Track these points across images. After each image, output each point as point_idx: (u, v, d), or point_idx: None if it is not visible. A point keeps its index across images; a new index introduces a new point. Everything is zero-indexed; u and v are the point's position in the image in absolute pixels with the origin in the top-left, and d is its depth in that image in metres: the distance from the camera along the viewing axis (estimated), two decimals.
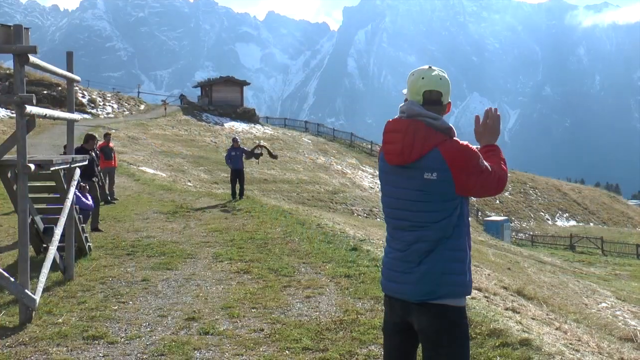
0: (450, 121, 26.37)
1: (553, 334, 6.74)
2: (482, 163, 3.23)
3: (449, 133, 3.27)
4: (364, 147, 59.88)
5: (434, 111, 3.30)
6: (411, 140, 3.25)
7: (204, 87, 63.80)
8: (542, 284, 21.66)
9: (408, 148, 3.27)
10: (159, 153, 36.27)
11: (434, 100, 3.30)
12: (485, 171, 3.24)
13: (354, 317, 6.75)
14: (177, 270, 9.29)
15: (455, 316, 3.23)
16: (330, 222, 15.28)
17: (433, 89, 3.30)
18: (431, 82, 3.30)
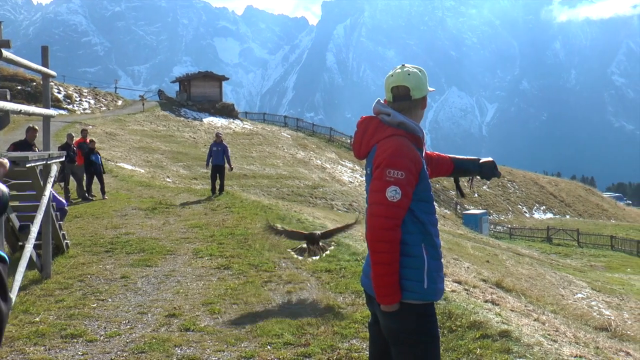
0: (429, 116, 26.51)
1: (532, 325, 6.79)
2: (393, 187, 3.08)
3: (399, 128, 3.26)
4: (343, 142, 59.91)
5: (403, 106, 3.31)
6: (361, 136, 3.36)
7: (183, 82, 63.43)
8: (520, 276, 21.85)
9: (358, 144, 3.40)
10: (137, 149, 36.02)
11: (402, 95, 3.31)
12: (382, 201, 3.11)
13: (335, 312, 6.77)
14: (156, 267, 9.23)
15: (412, 315, 3.20)
16: (310, 217, 15.27)
17: (400, 85, 3.31)
18: (398, 79, 3.32)
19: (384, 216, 3.09)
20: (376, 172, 3.15)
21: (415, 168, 3.16)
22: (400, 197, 3.08)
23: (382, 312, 3.22)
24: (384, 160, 3.12)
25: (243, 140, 48.56)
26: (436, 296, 3.28)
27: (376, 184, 3.14)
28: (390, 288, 3.11)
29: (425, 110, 3.50)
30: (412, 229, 3.20)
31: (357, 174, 46.62)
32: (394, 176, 3.08)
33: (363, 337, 5.87)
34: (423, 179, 3.23)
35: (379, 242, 3.10)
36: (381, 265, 3.11)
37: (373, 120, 3.35)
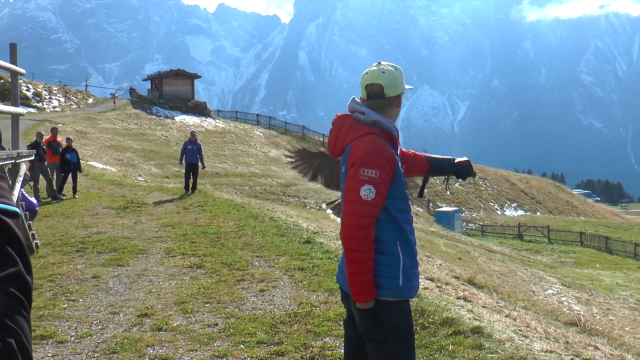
0: (401, 114, 26.50)
1: (503, 321, 6.86)
2: (367, 185, 3.09)
3: (373, 126, 3.26)
4: (316, 140, 59.95)
5: (377, 104, 3.31)
6: (335, 134, 3.38)
7: (154, 80, 62.92)
8: (492, 273, 22.07)
9: (333, 142, 3.41)
10: (108, 147, 35.70)
11: (375, 93, 3.31)
12: (356, 200, 3.11)
13: (309, 310, 6.76)
14: (128, 266, 9.16)
15: (387, 311, 3.21)
16: (283, 215, 15.26)
17: (373, 82, 3.31)
18: (372, 76, 3.32)
19: (358, 215, 3.09)
20: (351, 171, 3.16)
21: (390, 166, 3.16)
22: (374, 195, 3.08)
23: (358, 309, 3.23)
24: (358, 159, 3.12)
25: (215, 138, 48.34)
26: (411, 293, 3.29)
27: (350, 182, 3.14)
28: (365, 286, 3.12)
29: (399, 109, 3.48)
30: (387, 226, 3.22)
31: None
32: (368, 175, 3.08)
33: (336, 334, 5.88)
34: (398, 177, 3.23)
35: (354, 241, 3.11)
36: (356, 263, 3.12)
37: (348, 118, 3.35)
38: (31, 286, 1.30)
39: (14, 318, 1.20)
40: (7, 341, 1.16)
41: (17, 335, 1.19)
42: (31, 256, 9.67)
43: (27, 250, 1.32)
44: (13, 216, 1.36)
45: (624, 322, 18.80)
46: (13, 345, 1.16)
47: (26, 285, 1.27)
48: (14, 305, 1.22)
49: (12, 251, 1.27)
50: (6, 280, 1.22)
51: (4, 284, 1.21)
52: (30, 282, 1.29)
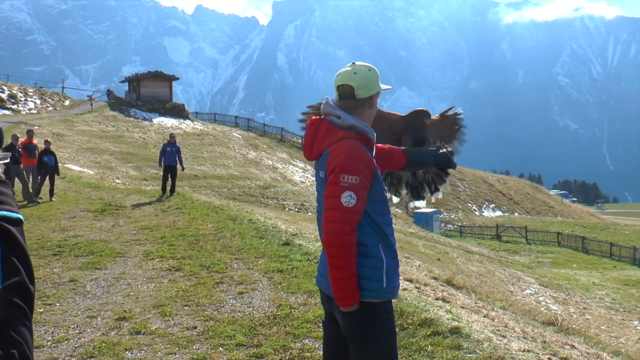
0: None
1: (481, 321, 6.90)
2: (347, 192, 3.09)
3: (349, 130, 3.25)
4: (294, 142, 59.88)
5: (348, 105, 3.30)
6: (311, 138, 3.36)
7: (132, 82, 62.50)
8: (471, 273, 22.19)
9: (308, 146, 3.39)
10: (85, 150, 35.43)
11: (346, 94, 3.30)
12: (337, 207, 3.11)
13: (288, 312, 6.76)
14: (106, 270, 9.10)
15: (371, 313, 3.22)
16: (262, 217, 15.24)
17: (345, 83, 3.29)
18: (344, 77, 3.30)
19: (339, 221, 3.10)
20: (330, 177, 3.15)
21: (369, 171, 3.16)
22: (355, 202, 3.08)
23: (342, 312, 3.24)
24: (337, 166, 3.12)
25: (194, 140, 48.14)
26: (394, 293, 3.32)
27: (331, 189, 3.14)
28: (349, 291, 3.13)
29: (373, 111, 3.43)
30: (369, 230, 3.23)
31: (309, 174, 46.69)
32: (349, 181, 3.08)
33: (315, 336, 5.89)
34: (377, 180, 3.23)
35: (335, 247, 3.12)
36: (338, 269, 3.12)
37: (323, 122, 3.33)
38: (34, 295, 1.28)
39: (17, 328, 1.19)
40: (10, 352, 1.14)
41: (20, 346, 1.17)
42: None
43: (29, 259, 1.31)
44: (16, 224, 1.35)
45: (600, 321, 19.01)
46: (15, 355, 1.15)
47: (29, 294, 1.26)
48: (17, 315, 1.21)
49: (16, 260, 1.25)
50: (10, 290, 1.21)
51: (8, 294, 1.20)
52: (33, 291, 1.28)
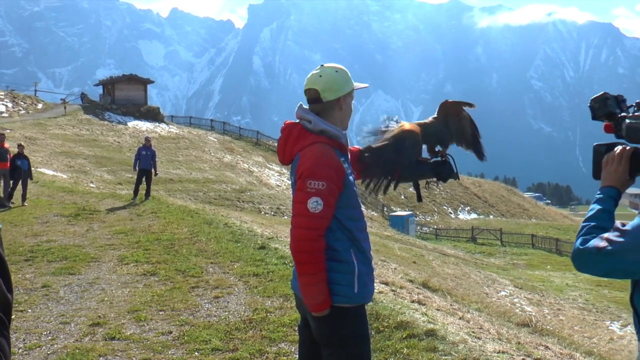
0: (355, 119, 26.54)
1: (457, 323, 6.94)
2: (314, 198, 3.07)
3: (321, 135, 3.24)
4: (270, 145, 59.79)
5: (317, 109, 3.28)
6: (284, 143, 3.34)
7: (106, 85, 61.99)
8: (446, 276, 22.31)
9: (281, 150, 3.38)
10: (59, 154, 35.08)
11: (313, 98, 3.28)
12: (304, 213, 3.11)
13: (263, 316, 6.75)
14: (80, 275, 9.01)
15: (343, 318, 3.21)
16: (238, 221, 15.20)
17: (310, 88, 3.28)
18: (309, 81, 3.30)
19: (305, 227, 3.09)
20: (298, 183, 3.14)
21: (338, 176, 3.13)
22: (322, 207, 3.06)
23: (314, 317, 3.23)
24: (304, 171, 3.10)
25: (169, 144, 47.88)
26: (367, 298, 3.30)
27: (298, 195, 3.13)
28: (318, 297, 3.12)
29: (344, 112, 3.38)
30: (340, 235, 3.21)
31: (285, 177, 46.65)
32: (315, 187, 3.06)
33: (291, 340, 5.88)
34: (347, 186, 3.20)
35: (303, 253, 3.11)
36: (307, 275, 3.11)
37: (295, 126, 3.32)
38: (11, 304, 1.24)
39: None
40: None
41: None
42: None
43: (7, 266, 1.27)
44: None
45: (573, 321, 19.21)
46: None
47: (7, 303, 1.21)
48: None
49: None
50: None
51: None
52: (10, 300, 1.23)
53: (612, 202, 2.44)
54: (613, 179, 2.49)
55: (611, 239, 2.19)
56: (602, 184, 2.51)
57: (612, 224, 2.28)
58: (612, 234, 2.21)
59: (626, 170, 2.46)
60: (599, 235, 2.26)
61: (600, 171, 2.55)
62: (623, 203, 31.01)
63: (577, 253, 2.32)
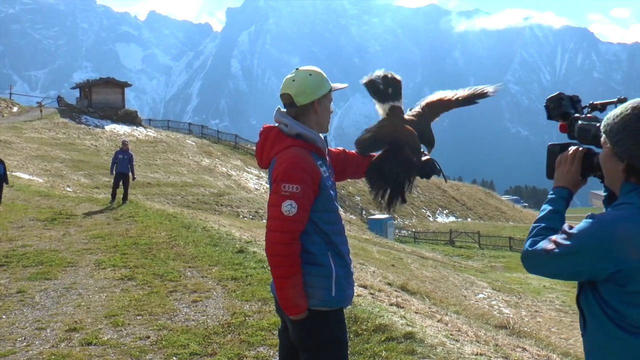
0: (334, 123, 26.59)
1: (435, 326, 6.97)
2: (288, 201, 3.08)
3: (297, 138, 3.24)
4: (248, 149, 59.70)
5: (292, 113, 3.28)
6: (261, 146, 3.36)
7: (83, 88, 61.53)
8: (425, 279, 22.39)
9: (259, 154, 3.40)
10: (34, 157, 34.75)
11: (288, 103, 3.29)
12: (278, 216, 3.12)
13: (242, 320, 6.73)
14: (56, 280, 8.92)
15: (320, 322, 3.22)
16: (216, 225, 15.14)
17: (284, 92, 3.29)
18: (283, 86, 3.30)
19: (279, 231, 3.10)
20: (273, 186, 3.15)
21: (313, 180, 3.14)
22: (296, 211, 3.07)
23: (291, 320, 3.23)
24: (279, 175, 3.11)
25: (147, 147, 47.63)
26: (345, 302, 3.31)
27: (272, 198, 3.14)
28: (293, 300, 3.12)
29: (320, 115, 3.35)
30: (317, 239, 3.21)
31: (263, 181, 46.60)
32: (289, 190, 3.07)
33: (270, 344, 5.87)
34: (323, 190, 3.21)
35: (277, 257, 3.11)
36: (282, 278, 3.12)
37: (273, 130, 3.33)
38: None
39: None
40: None
41: None
42: None
43: None
44: None
45: (551, 323, 19.36)
46: None
47: None
48: None
49: None
50: None
51: None
52: None
53: (563, 203, 2.48)
54: (565, 179, 2.52)
55: (558, 242, 2.22)
56: (555, 184, 2.55)
57: (562, 224, 2.31)
58: (559, 237, 2.23)
59: (578, 171, 2.50)
60: (547, 237, 2.29)
61: (554, 171, 2.59)
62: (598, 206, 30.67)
63: (526, 254, 2.35)
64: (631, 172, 2.21)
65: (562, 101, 2.68)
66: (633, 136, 2.14)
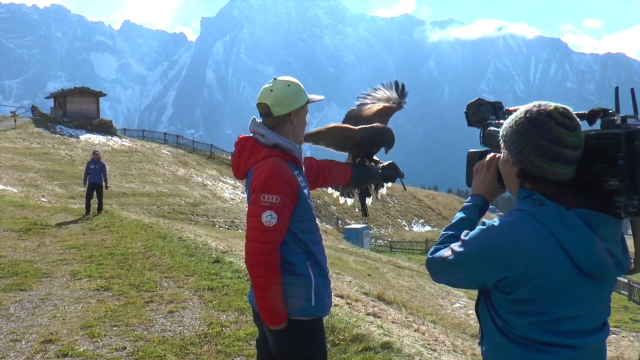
0: (308, 131, 26.69)
1: (412, 335, 7.03)
2: (268, 211, 3.09)
3: (275, 149, 3.25)
4: (224, 159, 59.53)
5: (268, 123, 3.28)
6: (237, 157, 3.34)
7: (58, 97, 60.97)
8: (401, 288, 22.46)
9: (235, 164, 3.37)
10: (8, 167, 34.36)
11: (264, 113, 3.29)
12: (258, 226, 3.12)
13: (219, 330, 6.73)
14: (31, 291, 8.84)
15: (300, 331, 3.23)
16: (192, 235, 15.10)
17: (260, 102, 3.29)
18: (260, 96, 3.29)
19: (259, 241, 3.10)
20: (252, 197, 3.15)
21: (291, 189, 3.15)
22: (276, 221, 3.08)
23: (271, 331, 3.24)
24: (258, 185, 3.12)
25: (122, 157, 47.31)
26: (324, 312, 3.33)
27: (252, 209, 3.14)
28: (273, 310, 3.13)
29: (296, 126, 3.37)
30: (295, 249, 3.23)
31: (239, 191, 46.48)
32: (269, 201, 3.08)
33: (247, 354, 5.88)
34: (302, 199, 3.23)
35: (257, 267, 3.12)
36: (262, 289, 3.12)
37: (249, 140, 3.32)
38: None
39: None
40: None
41: None
42: None
43: None
44: None
45: None
46: None
47: None
48: None
49: None
50: None
51: None
52: None
53: (476, 211, 2.44)
54: (481, 187, 2.49)
55: (454, 249, 2.21)
56: (472, 192, 2.52)
57: None
58: (456, 244, 2.22)
59: (494, 179, 2.45)
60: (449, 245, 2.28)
61: (472, 179, 2.56)
62: None
63: (428, 262, 2.34)
64: (525, 177, 2.18)
65: (480, 107, 2.66)
66: (524, 139, 2.12)
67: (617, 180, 2.05)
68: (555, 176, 2.11)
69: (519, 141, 2.13)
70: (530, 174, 2.15)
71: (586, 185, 2.15)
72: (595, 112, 2.21)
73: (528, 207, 2.12)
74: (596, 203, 2.12)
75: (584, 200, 2.13)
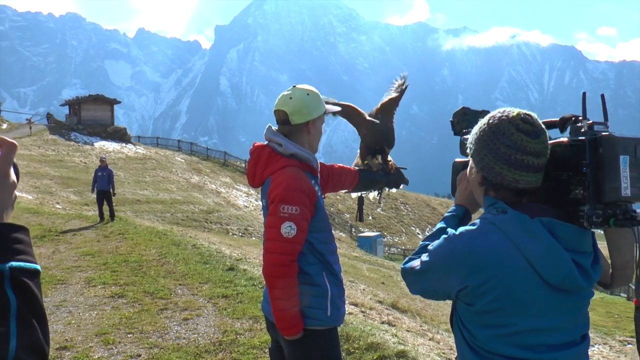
0: (323, 140, 26.51)
1: (427, 344, 6.99)
2: (287, 222, 3.06)
3: (292, 159, 3.22)
4: (237, 166, 59.63)
5: (285, 131, 3.26)
6: (254, 165, 3.31)
7: (73, 105, 61.40)
8: (415, 297, 22.33)
9: (251, 174, 3.34)
10: (24, 174, 34.57)
11: (282, 120, 3.26)
12: (277, 238, 3.09)
13: (233, 338, 6.72)
14: (46, 298, 8.86)
15: (315, 341, 3.21)
16: (206, 242, 15.12)
17: (279, 109, 3.25)
18: (279, 102, 3.26)
19: (278, 252, 3.07)
20: (271, 207, 3.12)
21: (310, 200, 3.13)
22: (295, 232, 3.05)
23: (287, 341, 3.22)
24: (277, 196, 3.08)
25: (136, 164, 47.51)
26: (339, 321, 3.31)
27: (271, 219, 3.11)
28: (291, 321, 3.11)
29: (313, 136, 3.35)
30: (312, 259, 3.21)
31: (252, 198, 46.53)
32: (289, 212, 3.05)
33: None
34: (319, 210, 3.21)
35: (275, 278, 3.10)
36: (280, 300, 3.10)
37: (265, 149, 3.30)
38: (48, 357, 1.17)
39: None
40: None
41: None
42: None
43: (46, 315, 1.19)
44: (34, 275, 1.25)
45: None
46: None
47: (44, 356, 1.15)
48: None
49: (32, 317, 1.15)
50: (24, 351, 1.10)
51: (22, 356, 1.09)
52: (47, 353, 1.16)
53: (456, 221, 2.39)
54: (462, 197, 2.46)
55: (422, 259, 2.17)
56: (454, 201, 2.50)
57: None
58: (425, 254, 2.18)
59: None
60: (421, 255, 2.24)
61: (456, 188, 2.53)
62: None
63: (401, 272, 2.31)
64: (487, 184, 2.14)
65: (465, 116, 2.63)
66: (485, 146, 2.08)
67: (582, 189, 2.01)
68: (518, 184, 2.06)
69: (481, 148, 2.10)
70: (492, 181, 2.11)
71: (555, 194, 2.11)
72: (566, 119, 2.19)
73: (490, 216, 2.08)
74: (563, 212, 2.08)
75: (551, 209, 2.08)
